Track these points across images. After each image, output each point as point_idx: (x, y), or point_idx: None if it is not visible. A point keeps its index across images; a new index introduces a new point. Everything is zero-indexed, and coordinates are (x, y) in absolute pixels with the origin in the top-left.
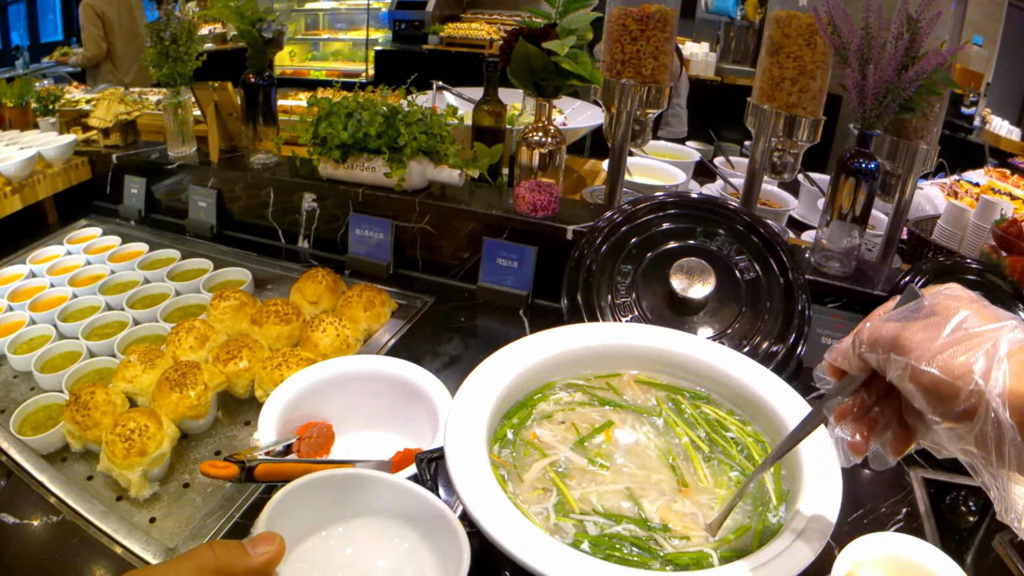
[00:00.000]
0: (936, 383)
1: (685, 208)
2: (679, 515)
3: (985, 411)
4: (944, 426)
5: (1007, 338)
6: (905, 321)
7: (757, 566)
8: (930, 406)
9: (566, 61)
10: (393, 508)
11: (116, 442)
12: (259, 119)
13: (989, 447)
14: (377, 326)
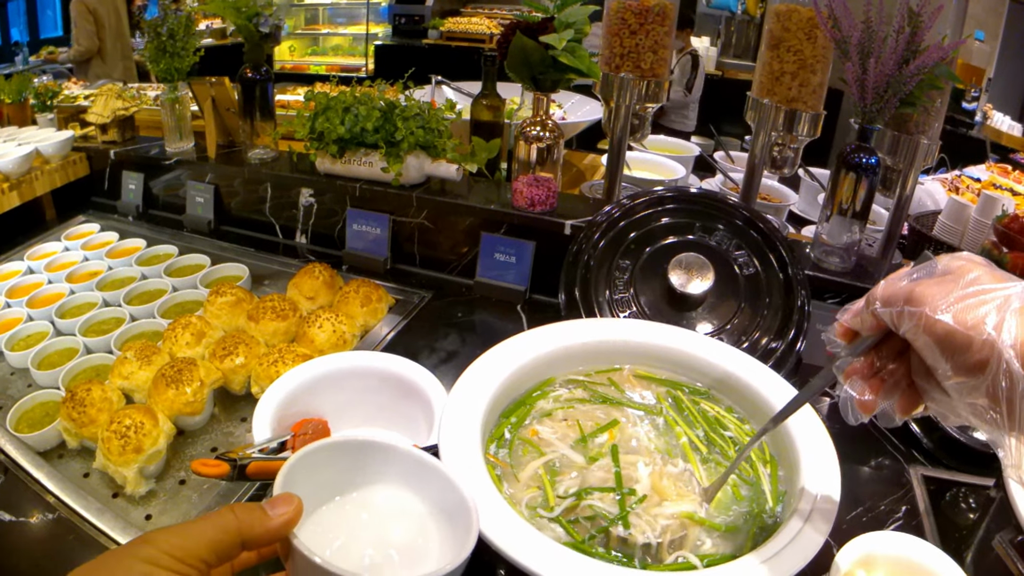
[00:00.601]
0: (950, 333)
1: (684, 203)
2: (671, 478)
3: (997, 362)
4: (955, 380)
5: (1019, 295)
6: (919, 279)
7: (757, 564)
8: (943, 358)
9: (563, 55)
10: (405, 477)
11: (112, 439)
12: (256, 114)
13: (1000, 399)
14: (374, 322)
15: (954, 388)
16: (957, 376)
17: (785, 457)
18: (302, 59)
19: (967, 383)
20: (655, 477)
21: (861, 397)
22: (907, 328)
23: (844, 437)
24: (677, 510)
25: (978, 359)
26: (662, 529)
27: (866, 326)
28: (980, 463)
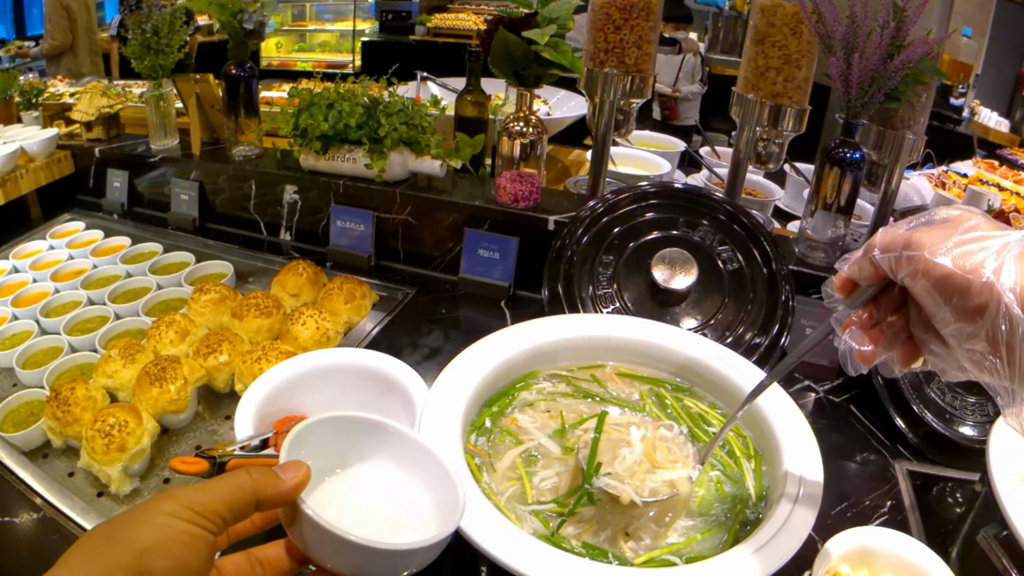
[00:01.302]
0: (948, 276)
1: (668, 198)
2: (664, 441)
3: (997, 306)
4: (954, 327)
5: (1018, 241)
6: (918, 227)
7: (738, 560)
8: (941, 302)
9: (546, 50)
10: (397, 454)
11: (96, 438)
12: (241, 111)
13: (1000, 343)
14: (358, 318)
15: (953, 335)
16: (956, 322)
17: (768, 453)
18: (289, 55)
19: (966, 329)
20: (648, 443)
21: (860, 347)
22: (905, 273)
23: (829, 432)
24: (670, 476)
25: (977, 303)
26: (651, 491)
27: (864, 275)
28: (966, 458)
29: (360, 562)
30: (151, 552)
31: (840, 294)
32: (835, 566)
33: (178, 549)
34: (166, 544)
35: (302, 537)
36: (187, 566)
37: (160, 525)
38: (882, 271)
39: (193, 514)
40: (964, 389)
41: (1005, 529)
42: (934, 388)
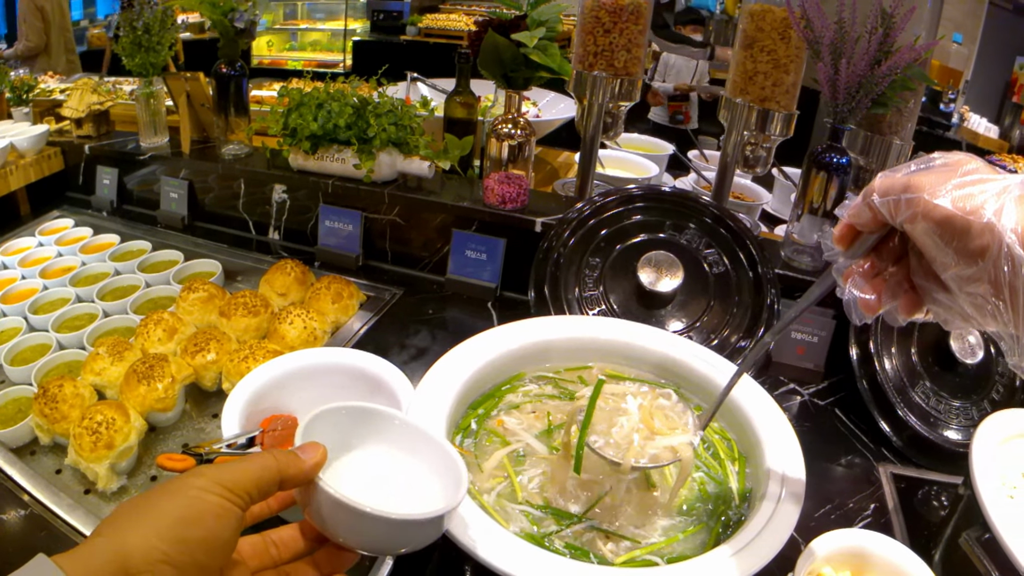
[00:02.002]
0: (948, 218)
1: (654, 201)
2: (661, 409)
3: (998, 246)
4: (955, 270)
5: (1019, 184)
6: (917, 171)
7: (720, 561)
8: (942, 244)
9: (535, 53)
10: (402, 441)
11: (83, 435)
12: (231, 110)
13: (1002, 285)
14: (345, 318)
15: (954, 279)
16: (957, 264)
17: (751, 455)
18: (280, 54)
19: (967, 271)
20: (645, 411)
21: (863, 296)
22: (905, 216)
23: (814, 435)
24: (669, 443)
25: (978, 244)
26: (652, 458)
27: (863, 220)
28: (949, 461)
29: (375, 534)
30: (185, 522)
31: (840, 246)
32: (817, 567)
33: (210, 520)
34: (199, 515)
35: (320, 514)
36: (218, 536)
37: (193, 498)
38: (881, 216)
39: (223, 489)
40: (948, 393)
41: (987, 532)
42: (918, 392)
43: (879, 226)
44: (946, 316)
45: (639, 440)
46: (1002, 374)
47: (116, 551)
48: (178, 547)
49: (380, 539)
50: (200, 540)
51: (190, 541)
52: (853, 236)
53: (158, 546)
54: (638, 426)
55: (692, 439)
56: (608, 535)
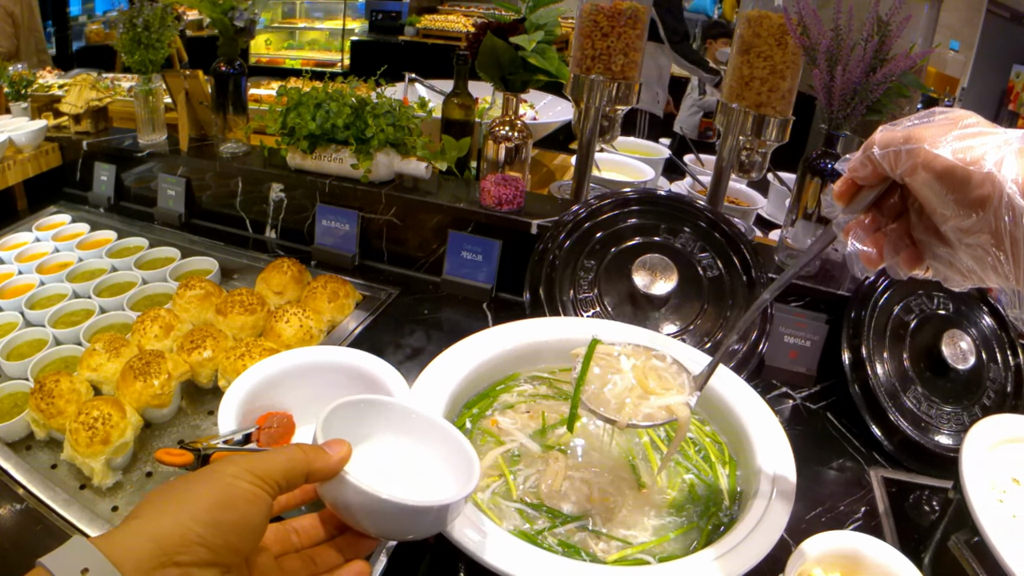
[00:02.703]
0: (948, 168)
1: (650, 205)
2: (655, 370)
3: (999, 197)
4: (955, 221)
5: (1020, 137)
6: (917, 124)
7: (710, 560)
8: (942, 195)
9: (533, 56)
10: (412, 429)
11: (80, 430)
12: (229, 108)
13: (1003, 235)
14: (341, 317)
15: (954, 231)
16: (957, 216)
17: (742, 457)
18: (278, 53)
19: (967, 222)
20: (639, 371)
21: (864, 249)
22: (905, 167)
23: (806, 439)
24: (664, 402)
25: (978, 194)
26: (645, 416)
27: (864, 174)
28: (940, 466)
29: (397, 521)
30: (220, 506)
31: (840, 202)
32: (808, 569)
33: (243, 505)
34: (232, 500)
35: (344, 504)
36: (250, 521)
37: (227, 484)
38: (881, 169)
39: (254, 477)
40: (940, 398)
41: (976, 535)
42: (910, 397)
43: (879, 180)
44: (946, 272)
45: (633, 400)
46: (993, 380)
47: (154, 533)
48: (213, 530)
49: (401, 526)
50: (233, 523)
51: (224, 524)
52: (853, 191)
53: (194, 528)
54: (632, 385)
55: (688, 399)
56: (599, 535)
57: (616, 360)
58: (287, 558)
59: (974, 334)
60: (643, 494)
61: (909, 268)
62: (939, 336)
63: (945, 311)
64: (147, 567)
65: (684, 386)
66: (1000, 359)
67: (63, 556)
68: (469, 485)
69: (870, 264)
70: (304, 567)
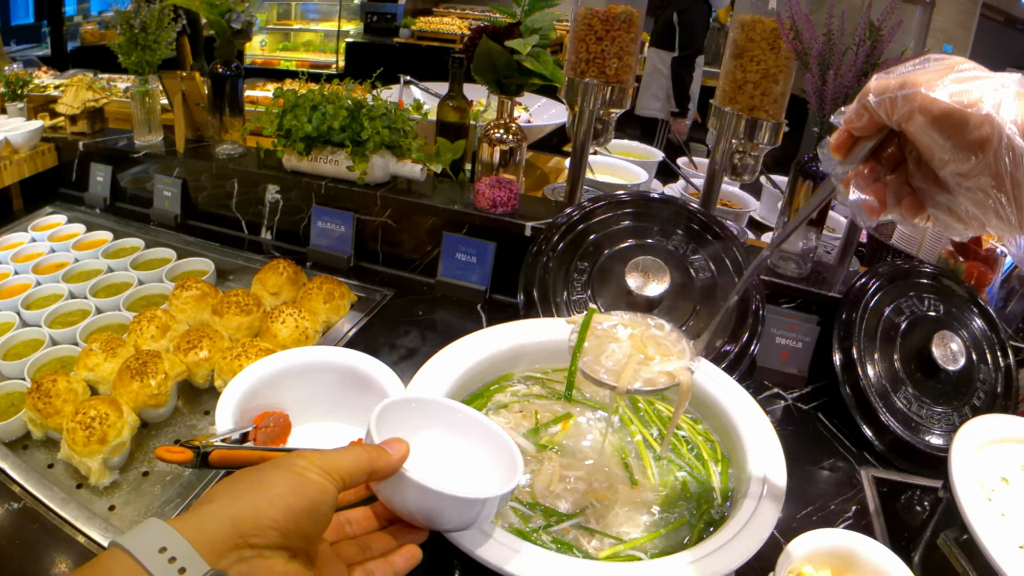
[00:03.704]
0: (946, 111)
1: (643, 207)
2: (654, 339)
3: (999, 138)
4: (953, 166)
5: (1017, 81)
6: (912, 71)
7: (702, 556)
8: (940, 139)
9: (528, 60)
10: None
11: (77, 430)
12: (226, 109)
13: (1003, 177)
14: (336, 318)
15: (953, 176)
16: (956, 159)
17: (734, 456)
18: (273, 54)
19: (966, 166)
20: (637, 339)
21: (866, 198)
22: (902, 113)
23: (797, 438)
24: (665, 368)
25: (977, 136)
26: (646, 381)
27: (861, 124)
28: (930, 465)
29: (450, 513)
30: (293, 492)
31: (837, 155)
32: (798, 566)
33: (312, 493)
34: (303, 488)
35: (402, 498)
36: (318, 509)
37: (296, 473)
38: (878, 117)
39: (321, 471)
40: (930, 399)
41: (965, 533)
42: (901, 398)
43: (876, 130)
44: (946, 219)
45: (632, 366)
46: (983, 381)
47: (229, 516)
48: (286, 515)
49: (453, 517)
50: (304, 510)
51: (297, 510)
52: (850, 144)
53: (269, 513)
54: (630, 353)
55: (690, 364)
56: (592, 532)
57: (613, 329)
58: (342, 544)
59: (964, 336)
60: (636, 491)
61: (911, 216)
62: (930, 337)
63: (936, 313)
64: (223, 548)
65: (685, 352)
66: (990, 360)
67: (139, 536)
68: (514, 478)
69: (872, 213)
70: (359, 552)
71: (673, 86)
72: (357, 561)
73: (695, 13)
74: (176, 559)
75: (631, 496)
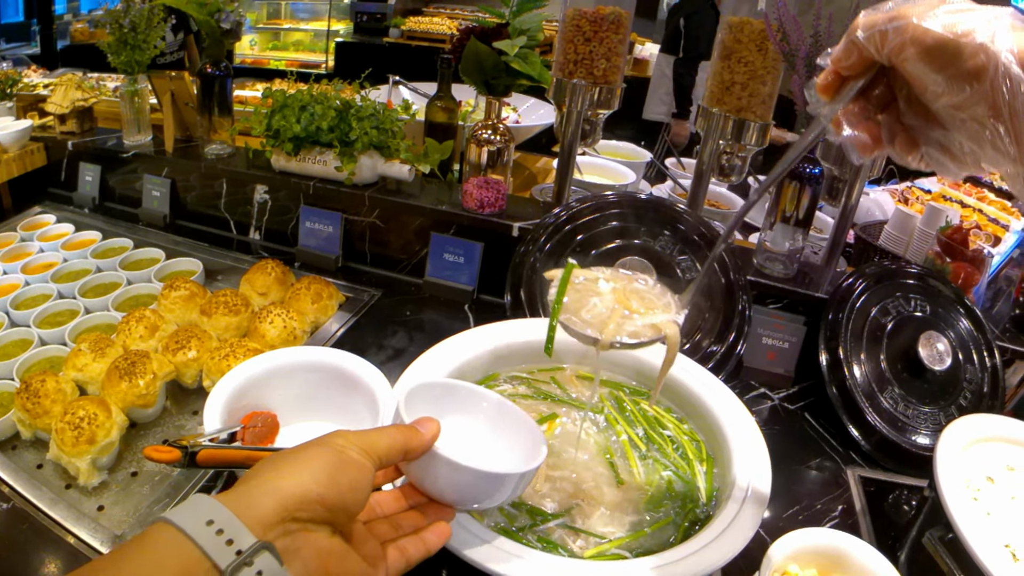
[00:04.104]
0: (939, 41)
1: (630, 208)
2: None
3: (995, 67)
4: (948, 99)
5: (1011, 14)
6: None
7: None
8: (933, 70)
9: (515, 61)
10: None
11: (65, 430)
12: (215, 109)
13: (1001, 107)
14: (324, 318)
15: (947, 109)
16: (950, 91)
17: (720, 456)
18: (263, 53)
19: (961, 97)
20: (619, 293)
21: (858, 134)
22: (893, 46)
23: (784, 438)
24: (650, 321)
25: (972, 65)
26: (631, 334)
27: (849, 61)
28: (917, 465)
29: (479, 490)
30: (336, 467)
31: (825, 96)
32: (783, 565)
33: (354, 470)
34: (345, 464)
35: (434, 476)
36: (360, 485)
37: (338, 450)
38: (867, 52)
39: (360, 449)
40: (917, 399)
41: (950, 532)
42: (887, 398)
43: (865, 67)
44: (940, 157)
45: (616, 320)
46: (970, 380)
47: (276, 490)
48: (331, 489)
49: (482, 493)
50: (348, 484)
51: (341, 484)
52: (838, 84)
53: (314, 488)
54: (613, 307)
55: (675, 317)
56: (578, 532)
57: (595, 283)
58: (374, 523)
59: (951, 336)
60: (621, 491)
61: (906, 153)
62: (916, 338)
63: (922, 313)
64: (269, 521)
65: (670, 305)
66: (977, 360)
67: (186, 510)
68: (539, 456)
69: (865, 150)
70: (391, 530)
71: (674, 87)
72: (390, 539)
73: (702, 17)
74: (223, 531)
75: (617, 495)
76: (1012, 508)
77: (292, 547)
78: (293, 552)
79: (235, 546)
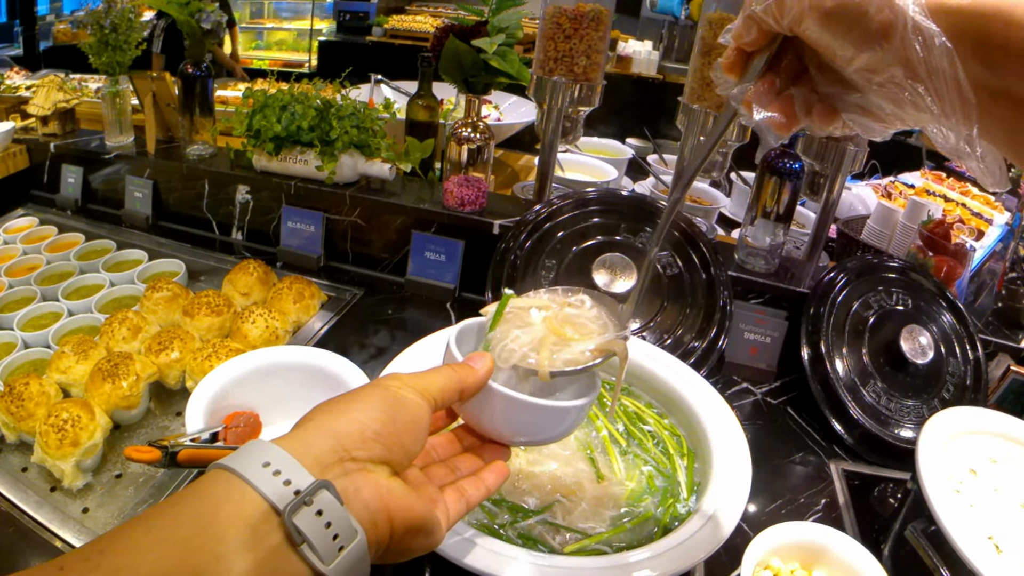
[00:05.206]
0: (840, 4)
1: (610, 205)
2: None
3: (903, 22)
4: (860, 62)
5: None
6: None
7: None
8: (838, 36)
9: (494, 59)
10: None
11: (49, 432)
12: (196, 110)
13: (917, 65)
14: (307, 318)
15: (860, 73)
16: (860, 54)
17: (700, 451)
18: (246, 53)
19: (872, 59)
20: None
21: (771, 115)
22: (792, 16)
23: (767, 433)
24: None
25: (879, 22)
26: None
27: (750, 37)
28: (900, 458)
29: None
30: (392, 406)
31: (731, 75)
32: (766, 559)
33: (412, 407)
34: (403, 402)
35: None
36: (417, 424)
37: (395, 390)
38: (767, 25)
39: (415, 390)
40: (900, 393)
41: (933, 525)
42: (870, 391)
43: (767, 40)
44: (863, 121)
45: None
46: (952, 374)
47: (332, 430)
48: (389, 427)
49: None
50: (405, 422)
51: (399, 422)
52: (743, 61)
53: (371, 426)
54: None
55: (622, 333)
56: (558, 528)
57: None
58: (431, 467)
59: (933, 329)
60: (602, 486)
61: (826, 124)
62: (898, 331)
63: (904, 307)
64: (327, 461)
65: (607, 326)
66: (959, 353)
67: (241, 454)
68: (593, 391)
69: (782, 130)
70: (448, 473)
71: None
72: (448, 482)
73: None
74: (280, 472)
75: (597, 491)
76: (995, 500)
77: (352, 486)
78: (353, 491)
79: (292, 486)
